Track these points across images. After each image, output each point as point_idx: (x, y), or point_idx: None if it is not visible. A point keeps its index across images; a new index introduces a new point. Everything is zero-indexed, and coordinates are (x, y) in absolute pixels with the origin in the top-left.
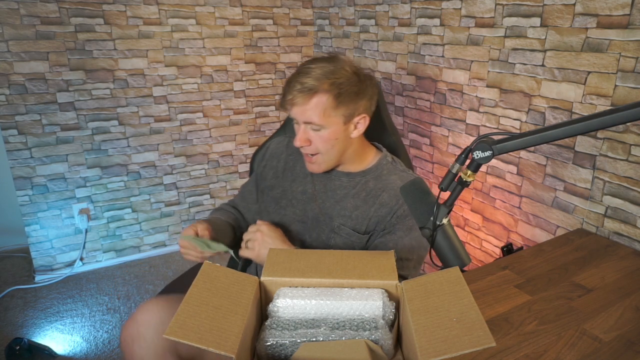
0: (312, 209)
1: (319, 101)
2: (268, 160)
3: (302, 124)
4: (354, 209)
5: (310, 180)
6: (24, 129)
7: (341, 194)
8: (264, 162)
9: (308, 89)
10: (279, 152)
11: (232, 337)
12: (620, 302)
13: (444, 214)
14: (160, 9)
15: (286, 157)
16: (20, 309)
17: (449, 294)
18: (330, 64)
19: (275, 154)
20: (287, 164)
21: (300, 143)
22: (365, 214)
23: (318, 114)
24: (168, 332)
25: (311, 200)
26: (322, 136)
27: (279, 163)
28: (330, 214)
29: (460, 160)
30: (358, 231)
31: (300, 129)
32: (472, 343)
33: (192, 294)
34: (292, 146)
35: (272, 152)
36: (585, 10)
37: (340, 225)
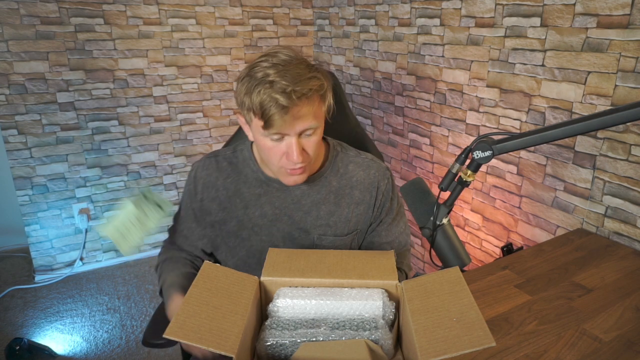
0: (280, 230)
1: (316, 102)
2: (203, 192)
3: (294, 135)
4: (329, 215)
5: (266, 200)
6: (24, 129)
7: (307, 203)
8: (198, 195)
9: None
10: (212, 180)
11: (232, 337)
12: (620, 302)
13: (444, 213)
14: (160, 9)
15: (224, 183)
16: (20, 309)
17: (449, 293)
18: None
19: (209, 184)
20: (229, 190)
21: (300, 157)
22: (344, 216)
23: (316, 114)
24: (168, 332)
25: (275, 221)
26: (314, 139)
27: (219, 192)
28: (305, 228)
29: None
30: (340, 235)
31: (294, 141)
32: (472, 343)
33: (192, 294)
34: (223, 167)
35: (204, 182)
36: (586, 10)
37: (320, 236)
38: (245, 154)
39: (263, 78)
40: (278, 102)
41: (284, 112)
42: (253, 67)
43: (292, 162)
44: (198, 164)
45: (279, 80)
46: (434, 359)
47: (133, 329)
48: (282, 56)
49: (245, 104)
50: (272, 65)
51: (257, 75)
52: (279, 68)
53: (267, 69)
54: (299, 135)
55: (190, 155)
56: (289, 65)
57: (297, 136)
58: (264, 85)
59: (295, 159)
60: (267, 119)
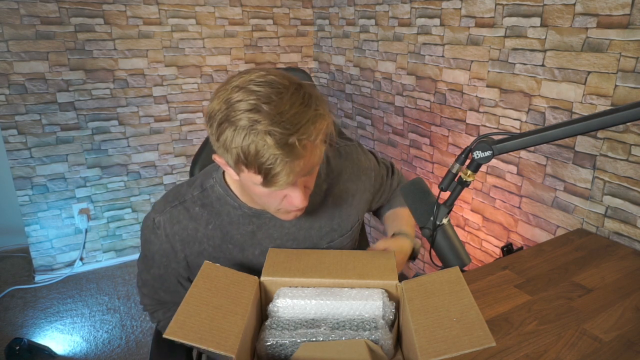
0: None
1: (320, 144)
2: (184, 249)
3: (299, 179)
4: (331, 219)
5: (263, 236)
6: (24, 129)
7: (307, 218)
8: (179, 254)
9: (314, 140)
10: (191, 233)
11: (232, 337)
12: (621, 302)
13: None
14: (160, 9)
15: (206, 232)
16: (20, 309)
17: (449, 294)
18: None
19: (188, 239)
20: (215, 239)
21: (305, 202)
22: (345, 214)
23: (319, 155)
24: (168, 332)
25: (279, 246)
26: (314, 175)
27: (204, 244)
28: (312, 243)
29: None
30: (346, 232)
31: (298, 189)
32: (472, 343)
33: (192, 294)
34: (197, 215)
35: (180, 238)
36: (586, 10)
37: (329, 244)
38: (218, 191)
39: (252, 127)
40: (280, 159)
41: (289, 168)
42: (229, 108)
43: (294, 207)
44: (162, 219)
45: (274, 128)
46: (434, 359)
47: (133, 329)
48: (262, 89)
49: (231, 155)
50: (254, 107)
51: (241, 124)
52: (268, 111)
53: (249, 113)
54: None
55: (191, 155)
56: (279, 103)
57: (299, 180)
58: (254, 136)
59: (300, 204)
60: (269, 177)
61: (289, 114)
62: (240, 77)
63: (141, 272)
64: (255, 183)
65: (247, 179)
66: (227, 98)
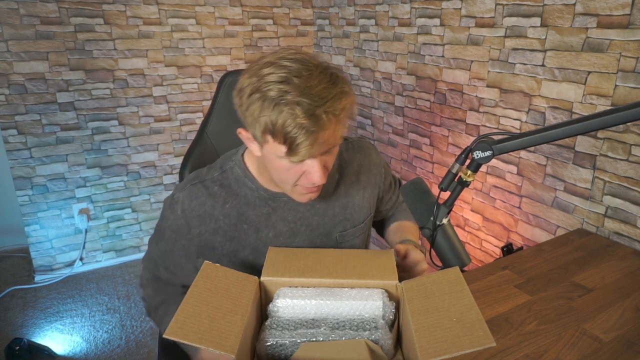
0: (300, 243)
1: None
2: (200, 226)
3: (317, 156)
4: (344, 208)
5: (278, 218)
6: (24, 129)
7: (321, 205)
8: (194, 230)
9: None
10: (208, 210)
11: (232, 337)
12: (621, 302)
13: (444, 214)
14: (160, 9)
15: (223, 210)
16: (20, 309)
17: (449, 294)
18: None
19: (205, 215)
20: (231, 217)
21: (324, 179)
22: (357, 204)
23: (340, 132)
24: (168, 333)
25: (293, 236)
26: (334, 155)
27: (220, 222)
28: (326, 231)
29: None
30: (358, 224)
31: (317, 163)
32: (472, 343)
33: (192, 294)
34: (216, 193)
35: (198, 214)
36: (586, 10)
37: (342, 233)
38: (237, 172)
39: (281, 97)
40: (306, 128)
41: (313, 138)
42: (260, 80)
43: (311, 183)
44: (182, 195)
45: (302, 99)
46: (434, 359)
47: (133, 329)
48: (293, 65)
49: (258, 125)
50: (284, 79)
51: (269, 94)
52: (297, 83)
53: (280, 84)
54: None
55: None
56: (308, 78)
57: (320, 156)
58: (284, 106)
59: (318, 181)
60: (293, 147)
61: (317, 88)
62: (271, 55)
63: (149, 246)
64: (279, 155)
65: (270, 151)
66: (258, 72)
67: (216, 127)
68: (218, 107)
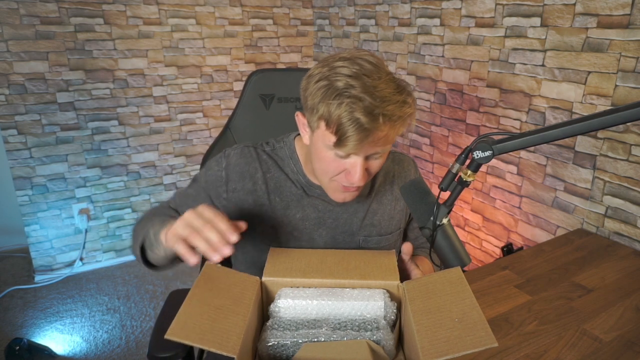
0: (323, 235)
1: (396, 128)
2: (237, 182)
3: (362, 157)
4: (374, 214)
5: (309, 203)
6: (24, 129)
7: (353, 203)
8: (231, 184)
9: (400, 119)
10: (251, 171)
11: (233, 338)
12: (621, 302)
13: (444, 214)
14: (160, 9)
15: (264, 177)
16: (20, 309)
17: (451, 294)
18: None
19: (245, 174)
20: (269, 186)
21: (364, 180)
22: (387, 214)
23: (391, 140)
24: (169, 333)
25: (318, 225)
26: (380, 162)
27: (257, 185)
28: (351, 231)
29: (460, 160)
30: (385, 234)
31: (360, 163)
32: (474, 343)
33: (194, 295)
34: (264, 160)
35: (240, 171)
36: (586, 10)
37: (366, 238)
38: (285, 152)
39: (345, 89)
40: (360, 124)
41: (363, 135)
42: (331, 70)
43: (350, 182)
44: (232, 151)
45: (365, 96)
46: (436, 359)
47: (133, 329)
48: (367, 65)
49: (316, 110)
50: (355, 75)
51: (337, 84)
52: (365, 81)
53: (349, 78)
54: (364, 157)
55: (191, 155)
56: (377, 80)
57: (364, 157)
58: (346, 98)
59: (357, 181)
60: (342, 138)
61: (382, 92)
62: (348, 52)
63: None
64: (327, 144)
65: (320, 139)
66: (332, 64)
67: (240, 123)
68: (243, 104)
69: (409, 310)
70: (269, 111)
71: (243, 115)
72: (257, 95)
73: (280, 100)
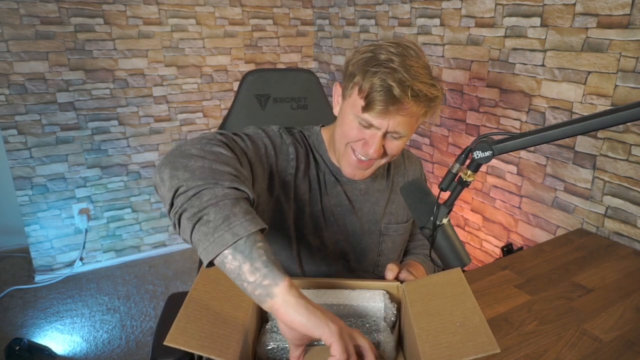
0: (352, 222)
1: (420, 112)
2: (301, 161)
3: (382, 132)
4: (391, 203)
5: (341, 190)
6: (24, 129)
7: (374, 193)
8: (299, 163)
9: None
10: (306, 155)
11: (233, 344)
12: (621, 302)
13: (444, 214)
14: (160, 9)
15: (315, 162)
16: (20, 309)
17: (452, 296)
18: (422, 60)
19: (303, 157)
20: (318, 172)
21: (377, 154)
22: (402, 204)
23: (413, 124)
24: (169, 340)
25: (348, 213)
26: (399, 145)
27: (310, 171)
28: (375, 219)
29: (460, 160)
30: (402, 222)
31: (379, 135)
32: (476, 349)
33: (192, 298)
34: (310, 146)
35: (302, 152)
36: (586, 10)
37: (386, 225)
38: (313, 140)
39: (386, 62)
40: (390, 91)
41: (390, 102)
42: (378, 47)
43: (365, 153)
44: (285, 131)
45: (401, 70)
46: None
47: (133, 329)
48: (410, 50)
49: (354, 76)
50: (398, 53)
51: (380, 57)
52: (405, 60)
53: (392, 54)
54: (385, 132)
55: None
56: (415, 63)
57: (384, 133)
58: (384, 67)
59: (371, 152)
60: (370, 101)
61: (417, 71)
62: (397, 38)
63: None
64: (354, 112)
65: (349, 106)
66: (380, 44)
67: (235, 123)
68: (238, 104)
69: (409, 313)
70: (264, 111)
71: (238, 116)
72: (252, 95)
73: (275, 100)
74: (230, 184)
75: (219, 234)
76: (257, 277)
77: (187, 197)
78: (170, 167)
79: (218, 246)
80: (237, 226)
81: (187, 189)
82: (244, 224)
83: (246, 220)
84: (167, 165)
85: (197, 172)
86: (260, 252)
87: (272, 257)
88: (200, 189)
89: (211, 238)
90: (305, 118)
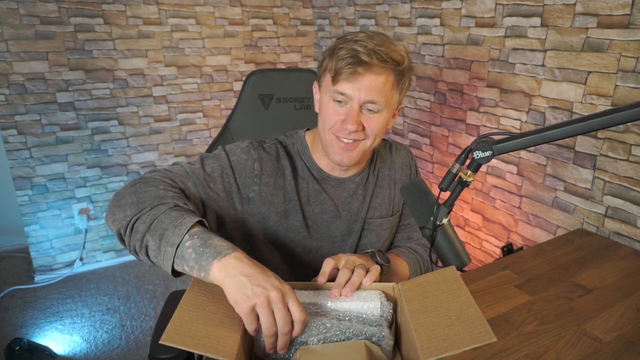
0: (340, 226)
1: (390, 79)
2: (269, 175)
3: (356, 104)
4: (374, 197)
5: (326, 197)
6: (24, 129)
7: (361, 192)
8: (264, 178)
9: (393, 61)
10: (280, 168)
11: (229, 342)
12: (621, 302)
13: (444, 214)
14: (160, 9)
15: (292, 173)
16: (20, 309)
17: (447, 292)
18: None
19: (276, 169)
20: (297, 182)
21: (356, 126)
22: (387, 197)
23: (386, 92)
24: (164, 338)
25: (335, 217)
26: (377, 121)
27: (287, 182)
28: (361, 217)
29: (460, 160)
30: (386, 216)
31: (354, 110)
32: (473, 339)
33: (188, 299)
34: (285, 156)
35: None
36: (586, 10)
37: (369, 220)
38: (298, 147)
39: (351, 38)
40: (356, 55)
41: (357, 64)
42: (346, 35)
43: (345, 129)
44: (257, 145)
45: (366, 40)
46: (436, 357)
47: (133, 329)
48: (380, 35)
49: (324, 63)
50: (363, 32)
51: (346, 37)
52: (370, 34)
53: (357, 34)
54: (361, 107)
55: (190, 155)
56: (380, 36)
57: (360, 107)
58: (348, 42)
59: (350, 127)
60: (338, 69)
61: (381, 40)
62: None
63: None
64: (327, 88)
65: (324, 91)
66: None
67: (238, 123)
68: (242, 104)
69: (405, 310)
70: (267, 111)
71: (242, 115)
72: (255, 95)
73: (279, 100)
74: (152, 202)
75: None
76: (198, 274)
77: (128, 235)
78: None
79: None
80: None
81: (123, 227)
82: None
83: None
84: (108, 212)
85: (126, 208)
86: (189, 251)
87: (199, 248)
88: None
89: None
90: (308, 118)
